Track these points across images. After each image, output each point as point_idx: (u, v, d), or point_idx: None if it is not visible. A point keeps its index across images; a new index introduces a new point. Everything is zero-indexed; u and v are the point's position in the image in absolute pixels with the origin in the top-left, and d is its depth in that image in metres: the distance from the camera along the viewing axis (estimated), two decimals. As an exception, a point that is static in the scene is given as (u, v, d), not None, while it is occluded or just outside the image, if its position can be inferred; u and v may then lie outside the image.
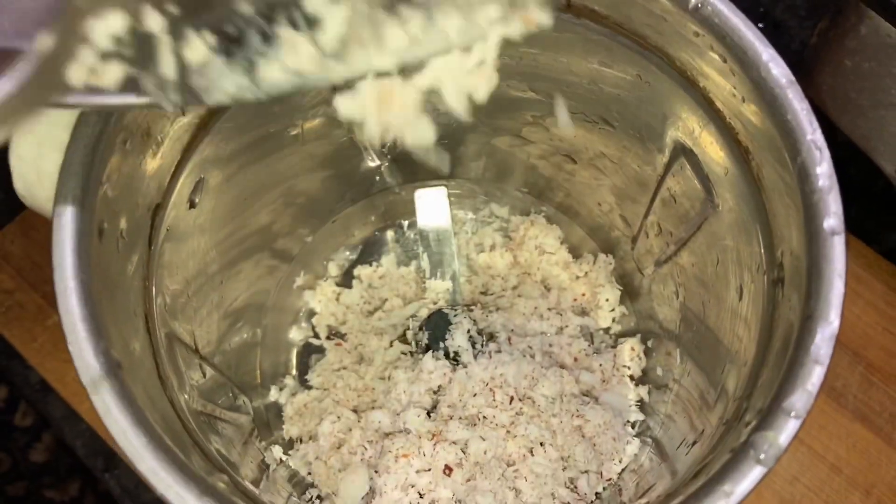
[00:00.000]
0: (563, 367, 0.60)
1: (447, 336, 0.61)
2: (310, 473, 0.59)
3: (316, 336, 0.67)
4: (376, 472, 0.55)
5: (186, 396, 0.47)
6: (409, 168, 0.68)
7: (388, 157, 0.66)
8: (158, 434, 0.37)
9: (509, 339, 0.62)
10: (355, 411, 0.61)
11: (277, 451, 0.60)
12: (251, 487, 0.45)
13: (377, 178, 0.68)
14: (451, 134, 0.63)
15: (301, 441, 0.62)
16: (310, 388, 0.64)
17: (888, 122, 0.64)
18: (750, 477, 0.35)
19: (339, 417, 0.61)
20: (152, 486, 0.35)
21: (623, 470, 0.58)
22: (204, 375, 0.52)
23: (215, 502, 0.35)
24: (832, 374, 0.67)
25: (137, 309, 0.45)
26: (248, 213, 0.59)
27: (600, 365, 0.61)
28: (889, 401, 0.67)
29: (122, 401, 0.36)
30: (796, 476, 0.66)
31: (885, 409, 0.67)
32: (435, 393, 0.58)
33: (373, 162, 0.66)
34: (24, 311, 0.73)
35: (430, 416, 0.57)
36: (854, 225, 0.72)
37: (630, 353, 0.62)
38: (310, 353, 0.67)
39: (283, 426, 0.63)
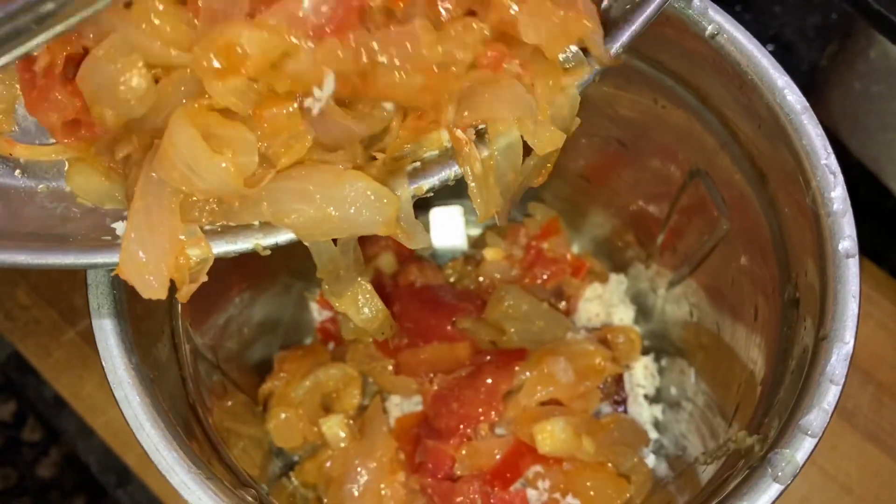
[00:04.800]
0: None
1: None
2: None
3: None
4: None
5: (209, 410, 0.47)
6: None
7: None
8: (189, 448, 0.37)
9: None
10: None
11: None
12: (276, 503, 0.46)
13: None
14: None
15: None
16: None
17: (897, 144, 0.65)
18: (767, 494, 0.36)
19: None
20: (184, 498, 0.36)
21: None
22: (225, 390, 0.53)
23: (244, 516, 0.36)
24: (843, 394, 0.68)
25: (164, 326, 0.46)
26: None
27: (615, 384, 0.62)
28: (900, 421, 0.68)
29: (154, 414, 0.37)
30: (807, 496, 0.66)
31: (896, 428, 0.68)
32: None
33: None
34: (39, 326, 0.74)
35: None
36: (863, 245, 0.73)
37: (644, 372, 0.63)
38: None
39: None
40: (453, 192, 0.69)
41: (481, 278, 0.65)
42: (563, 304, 0.65)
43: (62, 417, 0.72)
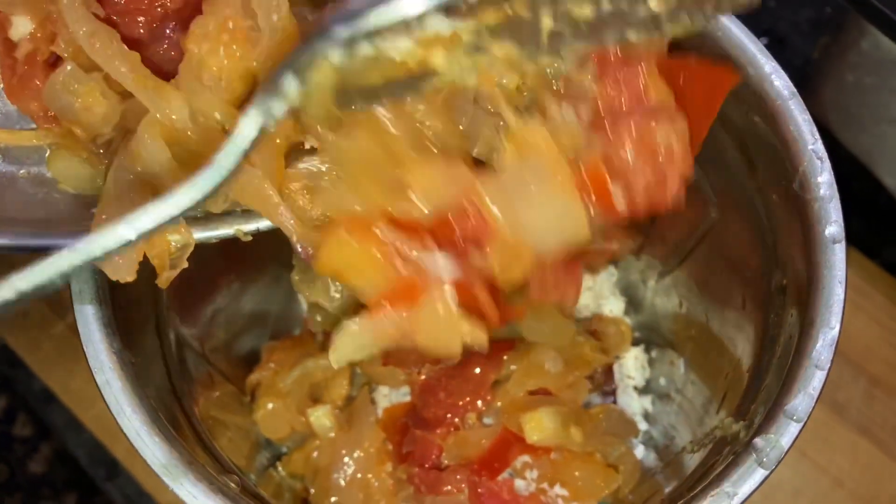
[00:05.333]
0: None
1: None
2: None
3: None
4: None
5: (194, 400, 0.47)
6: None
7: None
8: (171, 433, 0.37)
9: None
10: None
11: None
12: (261, 492, 0.45)
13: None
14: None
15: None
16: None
17: (889, 136, 0.65)
18: (752, 479, 0.36)
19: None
20: (165, 483, 0.35)
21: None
22: (212, 380, 0.53)
23: (227, 500, 0.35)
24: (834, 388, 0.68)
25: (149, 314, 0.46)
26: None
27: (604, 376, 0.62)
28: (891, 414, 0.67)
29: (135, 399, 0.37)
30: (799, 489, 0.66)
31: (888, 422, 0.67)
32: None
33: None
34: (28, 319, 0.74)
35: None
36: (856, 239, 0.73)
37: (634, 364, 0.63)
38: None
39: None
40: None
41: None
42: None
43: (52, 411, 0.72)
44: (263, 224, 0.36)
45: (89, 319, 0.38)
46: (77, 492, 0.99)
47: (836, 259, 0.38)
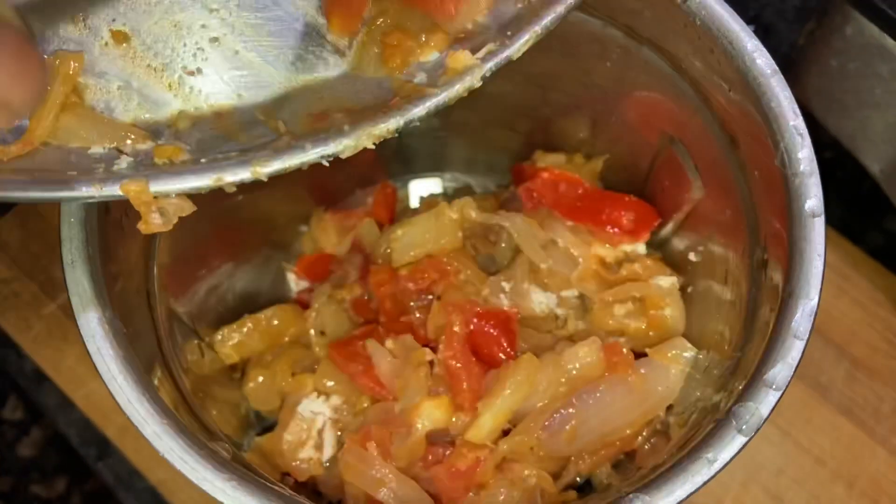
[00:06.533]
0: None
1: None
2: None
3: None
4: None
5: (185, 373, 0.48)
6: (403, 160, 0.69)
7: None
8: (162, 401, 0.38)
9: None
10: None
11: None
12: (252, 462, 0.46)
13: (373, 169, 0.70)
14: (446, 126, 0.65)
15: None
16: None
17: (873, 121, 0.66)
18: (732, 445, 0.37)
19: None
20: (156, 448, 0.36)
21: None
22: (202, 355, 0.53)
23: (218, 466, 0.36)
24: (818, 369, 0.69)
25: (140, 287, 0.46)
26: (247, 199, 0.60)
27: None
28: (872, 395, 0.69)
29: (126, 367, 0.37)
30: (782, 468, 0.67)
31: (869, 403, 0.68)
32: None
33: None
34: (19, 299, 0.74)
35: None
36: (840, 224, 0.74)
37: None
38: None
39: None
40: (432, 165, 0.70)
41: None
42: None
43: (43, 391, 0.72)
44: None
45: (81, 288, 0.39)
46: (67, 476, 0.99)
47: (816, 233, 0.39)
